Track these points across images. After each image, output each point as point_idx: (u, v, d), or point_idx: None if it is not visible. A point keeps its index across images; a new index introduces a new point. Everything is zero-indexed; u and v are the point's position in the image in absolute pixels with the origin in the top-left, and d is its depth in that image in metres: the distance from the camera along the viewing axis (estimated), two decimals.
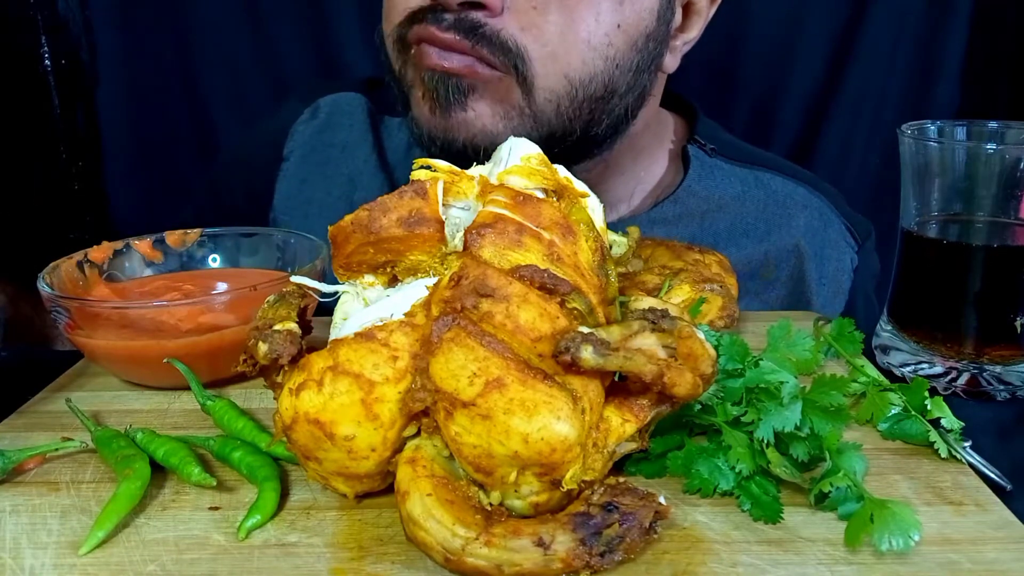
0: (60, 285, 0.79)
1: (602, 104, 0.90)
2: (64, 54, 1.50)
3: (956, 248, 0.76)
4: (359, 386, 0.52)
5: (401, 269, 0.59)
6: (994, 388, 0.75)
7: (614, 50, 0.87)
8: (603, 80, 0.88)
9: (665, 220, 1.05)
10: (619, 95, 0.91)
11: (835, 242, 1.08)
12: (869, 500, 0.53)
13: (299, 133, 1.15)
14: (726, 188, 1.07)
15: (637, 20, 0.88)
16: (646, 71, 0.93)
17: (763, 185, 1.08)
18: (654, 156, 1.09)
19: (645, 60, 0.91)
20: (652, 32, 0.90)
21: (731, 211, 1.07)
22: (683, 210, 1.06)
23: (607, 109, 0.91)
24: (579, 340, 0.50)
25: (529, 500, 0.52)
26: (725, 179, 1.08)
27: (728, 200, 1.07)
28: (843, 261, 1.07)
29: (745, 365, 0.64)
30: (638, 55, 0.90)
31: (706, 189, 1.07)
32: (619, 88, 0.90)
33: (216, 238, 0.91)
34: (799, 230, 1.07)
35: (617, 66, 0.88)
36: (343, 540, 0.54)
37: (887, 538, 0.50)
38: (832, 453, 0.57)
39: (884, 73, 1.48)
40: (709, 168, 1.08)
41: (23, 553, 0.53)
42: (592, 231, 0.59)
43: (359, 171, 1.12)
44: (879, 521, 0.51)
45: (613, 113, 0.92)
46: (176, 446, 0.62)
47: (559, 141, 0.90)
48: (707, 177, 1.07)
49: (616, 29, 0.86)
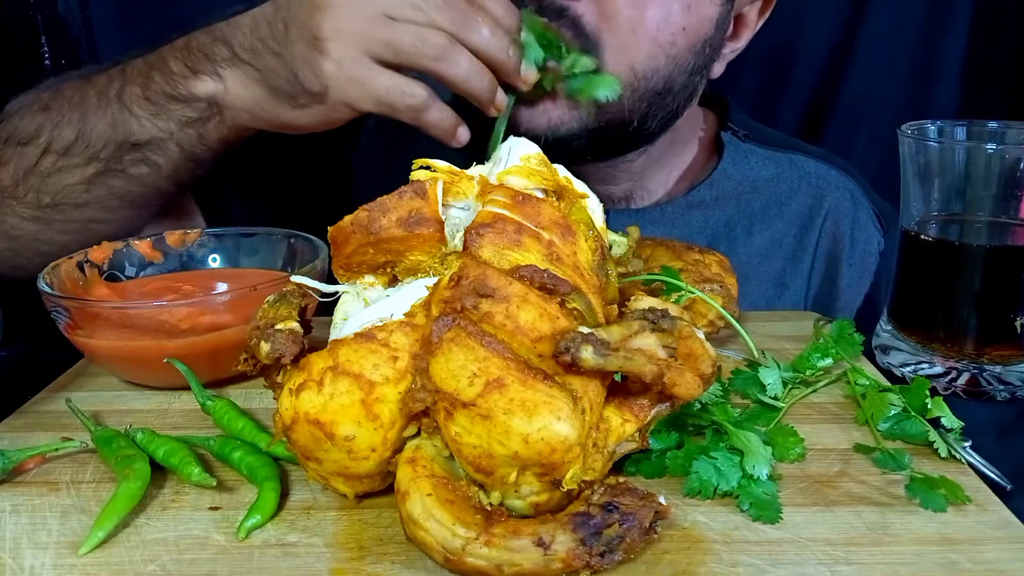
0: (60, 285, 0.79)
1: (659, 99, 0.94)
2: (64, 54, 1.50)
3: (956, 248, 0.76)
4: (359, 386, 0.52)
5: (401, 269, 0.59)
6: (994, 388, 0.75)
7: (676, 49, 0.91)
8: (663, 76, 0.92)
9: (702, 203, 1.08)
10: (674, 93, 0.95)
11: (864, 224, 1.10)
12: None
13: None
14: (760, 170, 1.11)
15: (700, 25, 0.92)
16: (699, 73, 0.97)
17: (797, 167, 1.11)
18: (687, 144, 1.13)
19: (700, 63, 0.96)
20: (710, 38, 0.95)
21: (766, 192, 1.10)
22: (719, 192, 1.09)
23: (663, 104, 0.95)
24: (579, 340, 0.50)
25: (529, 500, 0.52)
26: (759, 162, 1.11)
27: (762, 182, 1.10)
28: (871, 243, 1.09)
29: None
30: (696, 58, 0.94)
31: (741, 172, 1.10)
32: (675, 86, 0.94)
33: (216, 238, 0.91)
34: (832, 210, 1.09)
35: (677, 65, 0.92)
36: (343, 540, 0.54)
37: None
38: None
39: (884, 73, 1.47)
40: (744, 152, 1.11)
41: (23, 553, 0.53)
42: (592, 231, 0.59)
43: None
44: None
45: (667, 109, 0.96)
46: (176, 446, 0.62)
47: (615, 132, 0.94)
48: (742, 161, 1.10)
49: (681, 31, 0.91)
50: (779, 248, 1.09)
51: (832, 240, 1.09)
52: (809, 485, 0.59)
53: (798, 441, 0.63)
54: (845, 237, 1.08)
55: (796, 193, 1.10)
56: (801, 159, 1.12)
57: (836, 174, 1.11)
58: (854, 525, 0.55)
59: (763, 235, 1.08)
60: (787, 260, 1.09)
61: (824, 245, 1.09)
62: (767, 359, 0.73)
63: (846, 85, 1.49)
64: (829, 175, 1.11)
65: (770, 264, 1.08)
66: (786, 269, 1.09)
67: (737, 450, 0.59)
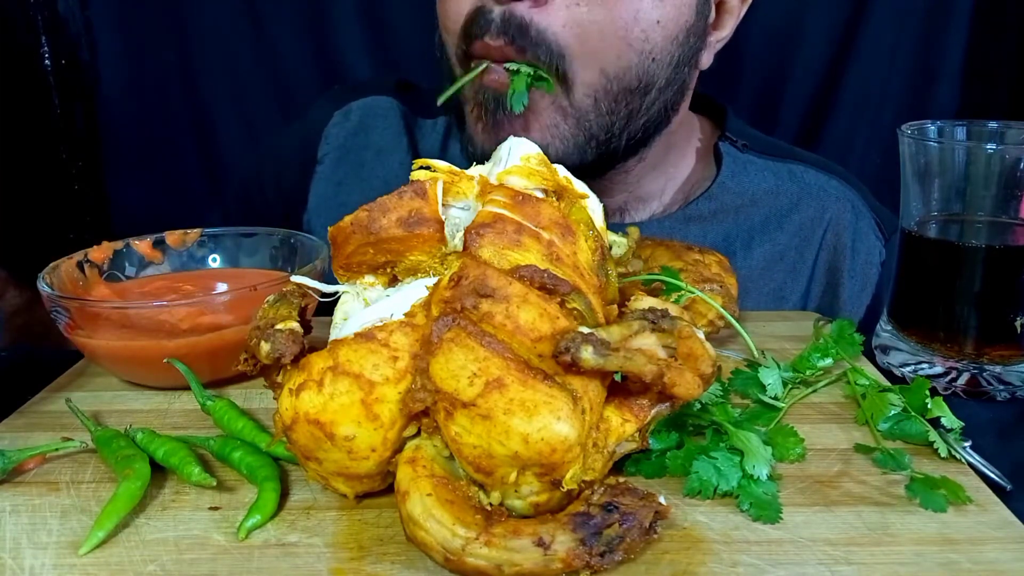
0: (60, 285, 0.79)
1: (639, 97, 0.92)
2: (64, 54, 1.50)
3: (956, 248, 0.76)
4: (359, 386, 0.52)
5: (401, 269, 0.59)
6: (994, 388, 0.75)
7: (650, 45, 0.89)
8: (636, 73, 0.90)
9: (701, 217, 1.07)
10: (658, 88, 0.93)
11: (865, 235, 1.09)
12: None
13: (333, 136, 1.15)
14: (759, 182, 1.09)
15: (677, 15, 0.90)
16: (686, 65, 0.95)
17: (796, 178, 1.10)
18: (683, 152, 1.11)
19: (686, 54, 0.94)
20: (692, 27, 0.93)
21: (765, 204, 1.08)
22: (718, 206, 1.07)
23: (646, 102, 0.93)
24: (579, 340, 0.50)
25: (529, 500, 0.52)
26: (758, 173, 1.09)
27: (762, 194, 1.08)
28: (872, 254, 1.08)
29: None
30: (679, 49, 0.92)
31: (739, 184, 1.08)
32: (657, 81, 0.92)
33: (216, 238, 0.91)
34: (833, 222, 1.08)
35: (653, 60, 0.90)
36: (343, 540, 0.54)
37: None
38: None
39: (884, 73, 1.47)
40: (742, 163, 1.09)
41: (23, 553, 0.53)
42: (592, 231, 0.59)
43: (394, 174, 1.13)
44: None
45: (653, 107, 0.94)
46: (176, 446, 0.62)
47: (604, 144, 0.93)
48: (740, 172, 1.09)
49: (655, 25, 0.88)
50: (779, 261, 1.07)
51: (833, 252, 1.08)
52: (809, 485, 0.59)
53: (798, 441, 0.63)
54: (846, 249, 1.07)
55: (796, 205, 1.08)
56: (801, 169, 1.10)
57: (836, 184, 1.10)
58: (854, 525, 0.55)
59: (763, 248, 1.07)
60: (787, 273, 1.07)
61: (825, 257, 1.08)
62: (767, 359, 0.73)
63: (846, 85, 1.48)
64: (829, 186, 1.09)
65: (770, 278, 1.07)
66: (786, 283, 1.07)
67: (737, 450, 0.59)
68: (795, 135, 1.53)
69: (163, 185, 1.59)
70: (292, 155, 1.18)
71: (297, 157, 1.17)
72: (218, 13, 1.51)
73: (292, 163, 1.17)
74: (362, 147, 1.15)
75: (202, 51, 1.53)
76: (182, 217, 1.07)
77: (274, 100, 1.55)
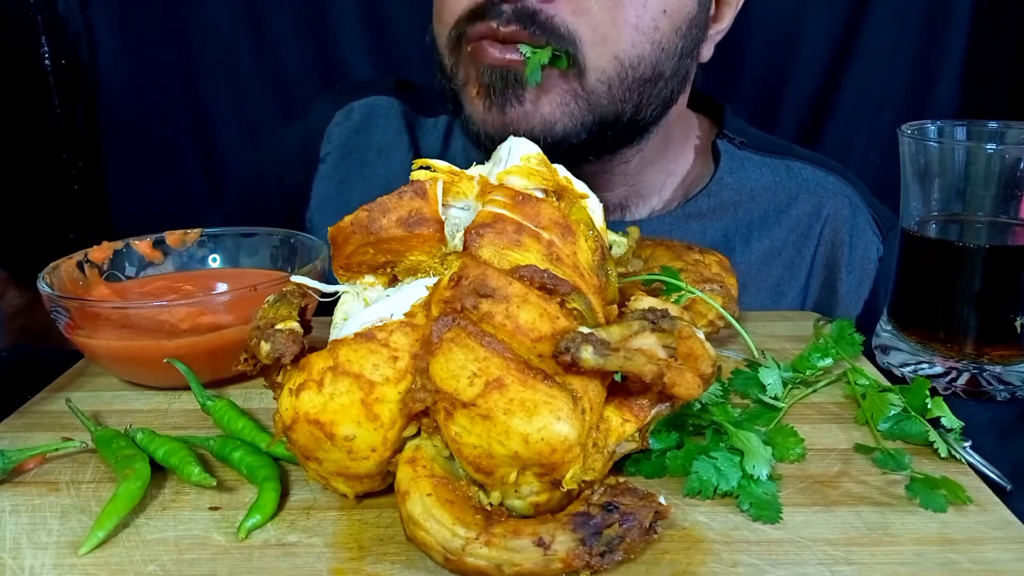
0: (60, 285, 0.79)
1: (650, 87, 0.93)
2: (64, 54, 1.50)
3: (956, 248, 0.76)
4: (359, 386, 0.52)
5: (401, 269, 0.59)
6: (994, 388, 0.75)
7: (660, 34, 0.91)
8: (650, 62, 0.91)
9: (700, 214, 1.08)
10: (665, 78, 0.94)
11: (863, 230, 1.09)
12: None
13: (335, 135, 1.16)
14: (758, 178, 1.10)
15: (680, 6, 0.92)
16: (689, 56, 0.97)
17: (794, 174, 1.11)
18: (682, 148, 1.12)
19: (688, 45, 0.95)
20: (694, 18, 0.94)
21: (764, 200, 1.09)
22: (716, 203, 1.08)
23: (655, 92, 0.95)
24: (579, 340, 0.50)
25: (529, 500, 0.52)
26: (756, 170, 1.10)
27: (760, 190, 1.09)
28: (869, 250, 1.08)
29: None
30: (682, 40, 0.94)
31: (738, 180, 1.09)
32: (665, 71, 0.94)
33: (216, 238, 0.91)
34: (830, 217, 1.09)
35: (663, 49, 0.92)
36: (343, 540, 0.54)
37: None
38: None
39: (884, 73, 1.47)
40: (740, 160, 1.10)
41: (23, 553, 0.53)
42: (592, 231, 0.59)
43: (396, 173, 1.14)
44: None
45: (660, 96, 0.96)
46: (176, 446, 0.62)
47: (611, 126, 0.93)
48: (738, 169, 1.10)
49: (662, 14, 0.90)
50: (777, 257, 1.08)
51: (831, 247, 1.08)
52: (809, 485, 0.59)
53: (798, 441, 0.63)
54: (844, 244, 1.08)
55: (794, 201, 1.09)
56: (798, 166, 1.11)
57: (834, 180, 1.11)
58: (854, 525, 0.55)
59: (761, 244, 1.07)
60: (785, 268, 1.08)
61: (823, 253, 1.09)
62: (767, 359, 0.73)
63: (846, 85, 1.48)
64: (827, 182, 1.10)
65: (768, 273, 1.07)
66: (784, 278, 1.08)
67: (737, 450, 0.59)
68: (795, 135, 1.53)
69: (163, 185, 1.58)
70: (294, 154, 1.19)
71: (299, 156, 1.18)
72: (218, 13, 1.51)
73: (294, 162, 1.18)
74: (364, 146, 1.16)
75: (202, 51, 1.53)
76: (182, 217, 1.07)
77: (274, 100, 1.55)
